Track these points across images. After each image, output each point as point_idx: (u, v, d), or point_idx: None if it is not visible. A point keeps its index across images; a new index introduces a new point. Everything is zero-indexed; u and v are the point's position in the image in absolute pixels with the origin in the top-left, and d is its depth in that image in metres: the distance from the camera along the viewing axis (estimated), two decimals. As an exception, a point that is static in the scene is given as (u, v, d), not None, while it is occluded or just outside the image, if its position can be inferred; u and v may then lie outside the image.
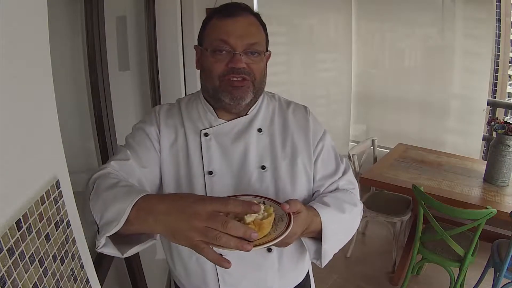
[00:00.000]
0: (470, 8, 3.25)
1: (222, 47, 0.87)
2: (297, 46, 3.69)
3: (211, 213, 0.60)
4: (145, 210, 0.65)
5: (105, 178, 0.79)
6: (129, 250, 0.73)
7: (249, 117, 0.97)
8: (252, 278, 0.95)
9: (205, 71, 0.92)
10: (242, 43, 0.87)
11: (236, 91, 0.88)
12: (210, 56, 0.89)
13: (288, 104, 1.04)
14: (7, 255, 0.48)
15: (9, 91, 0.51)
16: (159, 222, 0.64)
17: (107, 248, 0.70)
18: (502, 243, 2.21)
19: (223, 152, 0.94)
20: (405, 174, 2.59)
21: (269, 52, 0.96)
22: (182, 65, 2.52)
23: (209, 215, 0.60)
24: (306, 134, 0.99)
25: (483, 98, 3.34)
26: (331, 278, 2.62)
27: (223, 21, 0.88)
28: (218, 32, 0.88)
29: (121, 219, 0.65)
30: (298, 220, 0.76)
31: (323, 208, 0.86)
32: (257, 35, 0.90)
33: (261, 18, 0.94)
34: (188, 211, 0.61)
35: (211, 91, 0.92)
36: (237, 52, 0.86)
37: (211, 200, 0.62)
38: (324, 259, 0.88)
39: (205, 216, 0.60)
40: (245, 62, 0.87)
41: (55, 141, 0.66)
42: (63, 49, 1.27)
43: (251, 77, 0.89)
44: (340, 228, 0.90)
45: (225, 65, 0.88)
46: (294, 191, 0.95)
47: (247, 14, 0.90)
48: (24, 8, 0.57)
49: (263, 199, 0.85)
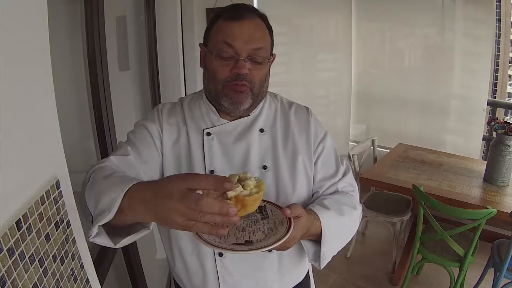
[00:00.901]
0: (470, 8, 3.25)
1: (226, 51, 0.86)
2: (297, 46, 3.69)
3: (183, 192, 0.57)
4: (136, 199, 0.64)
5: (101, 170, 0.79)
6: (122, 240, 0.71)
7: (251, 117, 0.97)
8: (252, 278, 0.96)
9: (209, 73, 0.92)
10: (247, 47, 0.86)
11: (236, 96, 0.88)
12: (215, 59, 0.88)
13: (290, 104, 1.05)
14: (7, 255, 0.48)
15: (9, 91, 0.51)
16: (148, 208, 0.62)
17: (99, 238, 0.68)
18: (502, 243, 2.21)
19: (225, 152, 0.94)
20: (405, 174, 2.59)
21: (274, 55, 0.96)
22: (182, 65, 2.52)
23: (182, 194, 0.57)
24: (307, 135, 0.99)
25: (483, 98, 3.34)
26: (331, 278, 2.62)
27: (229, 24, 0.88)
28: (223, 34, 0.87)
29: (112, 208, 0.64)
30: (298, 225, 0.77)
31: (323, 212, 0.87)
32: (262, 39, 0.90)
33: (267, 21, 0.93)
34: (163, 192, 0.59)
35: (213, 93, 0.92)
36: (241, 58, 0.86)
37: (184, 177, 0.59)
38: (323, 261, 0.89)
39: (178, 195, 0.57)
40: (248, 68, 0.87)
41: (55, 141, 0.66)
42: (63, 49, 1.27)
43: (251, 84, 0.89)
44: (339, 231, 0.91)
45: (229, 70, 0.87)
46: (295, 191, 0.95)
47: (254, 17, 0.90)
48: (24, 8, 0.57)
49: (264, 202, 0.86)
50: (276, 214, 0.82)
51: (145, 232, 0.74)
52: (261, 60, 0.89)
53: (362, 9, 3.79)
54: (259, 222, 0.81)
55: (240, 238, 0.76)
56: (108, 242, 0.70)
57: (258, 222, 0.81)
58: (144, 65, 2.30)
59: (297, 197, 0.95)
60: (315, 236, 0.87)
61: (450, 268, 2.22)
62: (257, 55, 0.88)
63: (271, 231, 0.78)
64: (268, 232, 0.78)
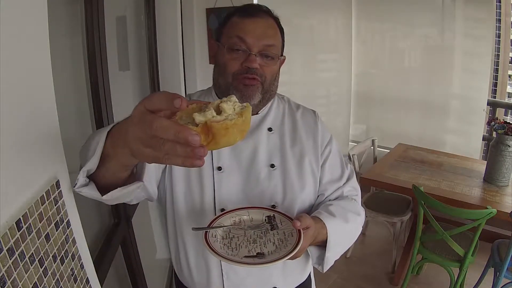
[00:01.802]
0: (470, 8, 3.25)
1: (238, 46, 0.89)
2: (297, 46, 3.68)
3: (141, 112, 0.47)
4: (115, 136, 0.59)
5: None
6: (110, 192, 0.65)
7: (259, 116, 0.99)
8: (257, 277, 0.97)
9: (220, 66, 0.93)
10: (259, 43, 0.89)
11: (245, 90, 0.90)
12: (227, 53, 0.90)
13: (297, 107, 1.07)
14: (7, 255, 0.48)
15: (9, 91, 0.51)
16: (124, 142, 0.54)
17: (86, 188, 0.64)
18: (502, 243, 2.21)
19: (232, 149, 0.95)
20: (405, 174, 2.59)
21: (284, 57, 0.99)
22: (182, 65, 2.52)
23: (140, 116, 0.47)
24: (314, 136, 1.02)
25: (483, 98, 3.34)
26: (331, 278, 2.62)
27: (243, 20, 0.91)
28: (236, 29, 0.90)
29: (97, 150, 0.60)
30: (307, 235, 0.81)
31: (329, 219, 0.90)
32: (274, 37, 0.92)
33: (280, 23, 0.96)
34: (128, 120, 0.51)
35: (223, 86, 0.93)
36: (252, 53, 0.88)
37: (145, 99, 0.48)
38: (326, 265, 0.93)
39: (137, 118, 0.48)
40: (259, 63, 0.89)
41: (55, 141, 0.66)
42: (63, 49, 1.27)
43: (262, 78, 0.91)
44: (344, 237, 0.95)
45: (240, 64, 0.89)
46: (302, 190, 0.97)
47: (267, 16, 0.93)
48: (24, 8, 0.57)
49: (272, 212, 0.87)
50: (285, 225, 0.85)
51: (137, 184, 0.66)
52: (272, 55, 0.91)
53: (362, 9, 3.79)
54: (269, 233, 0.84)
55: (251, 250, 0.78)
56: (95, 192, 0.64)
57: (268, 233, 0.84)
58: (144, 65, 2.30)
59: (303, 197, 0.97)
60: (320, 242, 0.90)
61: (450, 268, 2.22)
62: (268, 51, 0.90)
63: (281, 243, 0.80)
64: (279, 244, 0.80)
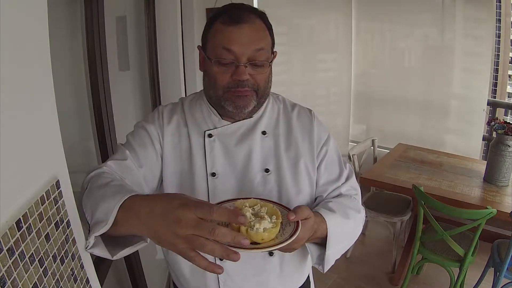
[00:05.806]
0: (470, 8, 3.25)
1: (225, 57, 0.84)
2: (297, 46, 3.69)
3: (196, 221, 0.57)
4: (131, 212, 0.64)
5: (99, 177, 0.78)
6: (119, 252, 0.71)
7: (253, 119, 0.95)
8: (254, 282, 0.95)
9: (209, 78, 0.89)
10: (247, 50, 0.84)
11: (239, 100, 0.87)
12: (214, 65, 0.86)
13: (293, 106, 1.03)
14: (7, 255, 0.48)
15: (9, 91, 0.51)
16: (143, 225, 0.62)
17: (96, 249, 0.68)
18: (502, 243, 2.21)
19: (226, 154, 0.93)
20: (405, 174, 2.59)
21: (275, 53, 0.93)
22: (182, 65, 2.52)
23: (195, 223, 0.57)
24: (310, 137, 0.98)
25: (483, 98, 3.34)
26: (331, 278, 2.62)
27: (227, 28, 0.84)
28: (221, 39, 0.84)
29: (108, 219, 0.64)
30: (306, 226, 0.76)
31: (329, 214, 0.86)
32: (263, 40, 0.87)
33: (267, 19, 0.90)
34: (170, 217, 0.58)
35: (214, 98, 0.90)
36: (241, 64, 0.84)
37: (196, 206, 0.58)
38: (327, 264, 0.88)
39: (190, 224, 0.57)
40: (249, 73, 0.85)
41: (55, 141, 0.66)
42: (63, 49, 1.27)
43: (255, 87, 0.87)
44: (344, 234, 0.90)
45: (229, 76, 0.85)
46: (298, 195, 0.94)
47: (253, 18, 0.86)
48: (24, 8, 0.57)
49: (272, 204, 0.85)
50: (284, 216, 0.83)
51: (143, 245, 0.73)
52: (262, 63, 0.86)
53: (362, 9, 3.79)
54: None
55: None
56: (105, 253, 0.69)
57: None
58: (144, 65, 2.30)
59: (299, 201, 0.94)
60: (320, 239, 0.86)
61: (450, 268, 2.22)
62: (257, 58, 0.85)
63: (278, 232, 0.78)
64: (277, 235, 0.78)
